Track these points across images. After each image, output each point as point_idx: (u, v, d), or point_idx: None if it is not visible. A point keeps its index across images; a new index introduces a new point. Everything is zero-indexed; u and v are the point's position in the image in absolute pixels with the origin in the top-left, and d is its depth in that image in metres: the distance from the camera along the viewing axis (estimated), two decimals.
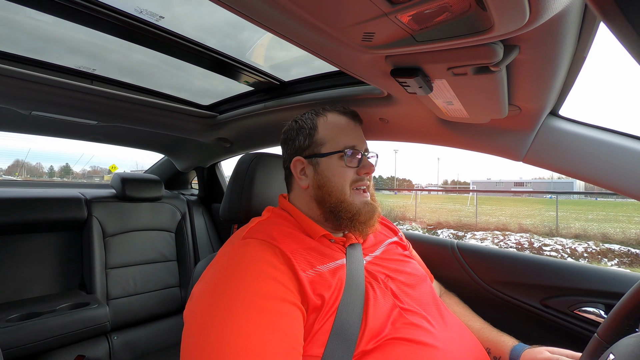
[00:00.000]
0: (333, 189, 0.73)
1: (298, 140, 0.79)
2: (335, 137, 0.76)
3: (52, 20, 0.86)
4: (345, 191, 0.73)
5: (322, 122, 0.78)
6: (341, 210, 0.72)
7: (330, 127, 0.77)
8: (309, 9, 0.46)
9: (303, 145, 0.78)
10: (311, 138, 0.77)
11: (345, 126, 0.78)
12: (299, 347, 0.52)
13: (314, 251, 0.66)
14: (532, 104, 0.70)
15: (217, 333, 0.49)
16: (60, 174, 16.43)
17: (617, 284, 0.83)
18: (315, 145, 0.76)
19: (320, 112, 0.80)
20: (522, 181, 34.50)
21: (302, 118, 0.81)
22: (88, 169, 12.87)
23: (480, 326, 0.84)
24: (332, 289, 0.61)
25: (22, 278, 1.33)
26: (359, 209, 0.73)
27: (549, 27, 0.44)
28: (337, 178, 0.73)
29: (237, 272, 0.56)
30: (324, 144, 0.76)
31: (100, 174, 11.01)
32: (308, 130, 0.78)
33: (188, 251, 1.73)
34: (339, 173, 0.74)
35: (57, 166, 26.61)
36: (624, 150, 0.73)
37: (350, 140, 0.76)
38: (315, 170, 0.75)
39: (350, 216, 0.72)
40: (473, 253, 1.10)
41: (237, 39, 0.98)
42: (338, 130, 0.77)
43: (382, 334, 0.59)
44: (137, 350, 1.44)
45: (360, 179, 0.75)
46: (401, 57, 0.57)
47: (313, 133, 0.77)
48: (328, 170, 0.74)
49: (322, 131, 0.77)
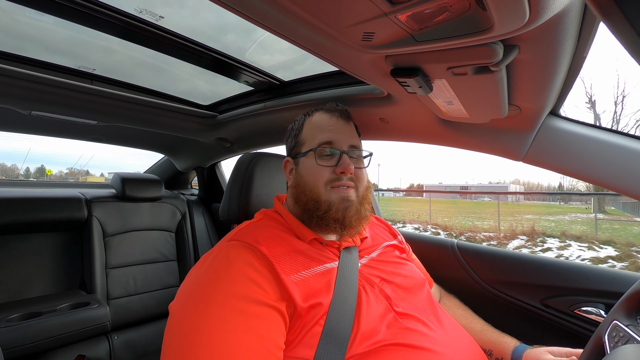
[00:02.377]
0: (305, 188, 0.72)
1: (289, 142, 0.82)
2: (313, 135, 0.75)
3: (52, 20, 0.86)
4: (318, 190, 0.71)
5: (307, 122, 0.79)
6: (313, 209, 0.70)
7: (312, 126, 0.77)
8: (309, 9, 0.46)
9: (291, 145, 0.80)
10: (296, 138, 0.79)
11: (325, 123, 0.76)
12: (276, 351, 0.53)
13: (302, 255, 0.66)
14: (532, 104, 0.70)
15: (194, 332, 0.51)
16: (36, 175, 16.38)
17: (617, 284, 0.83)
18: (298, 145, 0.78)
19: (310, 112, 0.81)
20: (467, 185, 39.52)
21: (296, 119, 0.83)
22: (65, 171, 12.85)
23: (481, 328, 0.83)
24: (321, 292, 0.61)
25: (22, 278, 1.33)
26: (331, 204, 0.69)
27: (549, 27, 0.44)
28: (310, 177, 0.72)
29: (217, 273, 0.57)
30: (304, 143, 0.76)
31: (77, 176, 11.07)
32: (295, 131, 0.80)
33: (188, 251, 1.73)
34: (312, 172, 0.72)
35: (33, 167, 26.48)
36: (624, 150, 0.73)
37: (326, 136, 0.73)
38: (296, 169, 0.77)
39: (321, 214, 0.70)
40: (473, 253, 1.10)
41: (237, 39, 0.98)
42: (316, 128, 0.76)
43: (375, 337, 0.59)
44: (138, 350, 1.44)
45: (337, 178, 0.71)
46: (401, 57, 0.57)
47: (298, 134, 0.79)
48: (304, 169, 0.74)
49: (305, 131, 0.78)
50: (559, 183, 17.93)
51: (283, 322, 0.56)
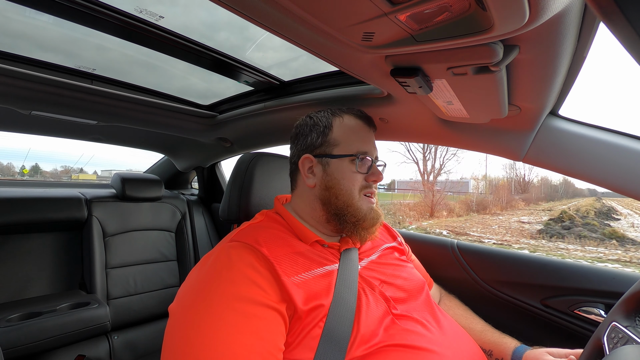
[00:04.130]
0: (341, 192, 0.72)
1: (310, 137, 0.76)
2: (349, 139, 0.75)
3: (52, 20, 0.86)
4: (353, 195, 0.72)
5: (338, 123, 0.76)
6: (347, 214, 0.71)
7: (346, 129, 0.76)
8: (309, 9, 0.46)
9: (315, 143, 0.75)
10: (325, 137, 0.75)
11: (360, 130, 0.77)
12: (276, 352, 0.53)
13: (302, 257, 0.66)
14: (532, 104, 0.70)
15: (194, 333, 0.51)
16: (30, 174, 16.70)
17: (617, 284, 0.83)
18: (328, 145, 0.75)
19: (337, 112, 0.78)
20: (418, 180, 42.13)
21: (317, 115, 0.79)
22: (60, 169, 12.96)
23: (481, 328, 0.83)
24: (321, 294, 0.61)
25: (22, 278, 1.33)
26: (365, 214, 0.72)
27: (549, 27, 0.44)
28: (347, 182, 0.72)
29: (218, 274, 0.57)
30: (337, 145, 0.74)
31: (69, 174, 11.18)
32: (322, 128, 0.76)
33: (188, 251, 1.73)
34: (349, 177, 0.73)
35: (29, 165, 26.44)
36: (624, 150, 0.73)
37: (364, 145, 0.75)
38: (325, 170, 0.74)
39: (355, 221, 0.72)
40: (473, 253, 1.10)
41: (237, 39, 0.98)
42: (353, 134, 0.76)
43: (374, 340, 0.59)
44: (138, 350, 1.44)
45: (368, 185, 0.74)
46: (401, 57, 0.57)
47: (327, 132, 0.75)
48: (338, 173, 0.73)
49: (337, 132, 0.75)
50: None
51: (283, 324, 0.56)
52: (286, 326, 0.56)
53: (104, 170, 14.89)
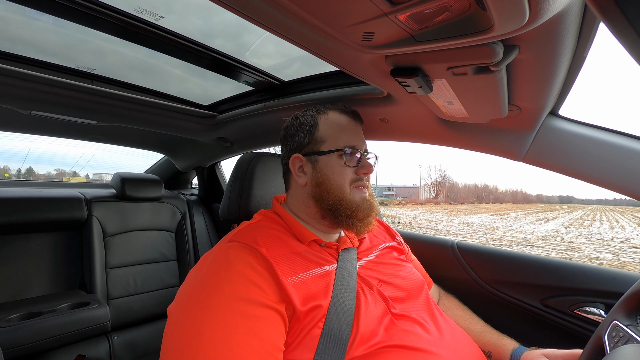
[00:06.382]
0: (332, 187, 0.72)
1: (298, 137, 0.77)
2: (335, 135, 0.75)
3: (52, 20, 0.86)
4: (344, 189, 0.73)
5: (323, 120, 0.77)
6: (340, 208, 0.72)
7: (331, 125, 0.77)
8: (310, 9, 0.46)
9: (303, 142, 0.76)
10: (311, 135, 0.76)
11: (345, 125, 0.78)
12: (275, 352, 0.53)
13: (300, 257, 0.66)
14: (532, 104, 0.70)
15: (194, 334, 0.50)
16: (24, 176, 16.64)
17: (617, 284, 0.83)
18: (315, 142, 0.75)
19: (322, 109, 0.79)
20: (391, 186, 43.43)
21: (303, 115, 0.80)
22: (53, 172, 13.03)
23: (481, 329, 0.83)
24: (319, 295, 0.61)
25: (22, 278, 1.33)
26: (358, 205, 0.72)
27: (549, 27, 0.44)
28: (337, 176, 0.73)
29: (217, 274, 0.57)
30: (324, 141, 0.75)
31: (61, 176, 11.19)
32: (308, 127, 0.77)
33: (188, 251, 1.73)
34: (339, 172, 0.73)
35: (24, 168, 26.69)
36: (624, 150, 0.73)
37: (351, 139, 0.76)
38: (314, 167, 0.74)
39: (349, 213, 0.72)
40: (473, 253, 1.10)
41: (237, 39, 0.98)
42: (339, 129, 0.76)
43: (373, 340, 0.59)
44: (138, 350, 1.43)
45: (359, 178, 0.75)
46: (401, 57, 0.57)
47: (313, 130, 0.76)
48: (327, 168, 0.73)
49: (323, 129, 0.76)
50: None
51: (283, 324, 0.56)
52: (286, 326, 0.56)
53: (95, 173, 15.08)
